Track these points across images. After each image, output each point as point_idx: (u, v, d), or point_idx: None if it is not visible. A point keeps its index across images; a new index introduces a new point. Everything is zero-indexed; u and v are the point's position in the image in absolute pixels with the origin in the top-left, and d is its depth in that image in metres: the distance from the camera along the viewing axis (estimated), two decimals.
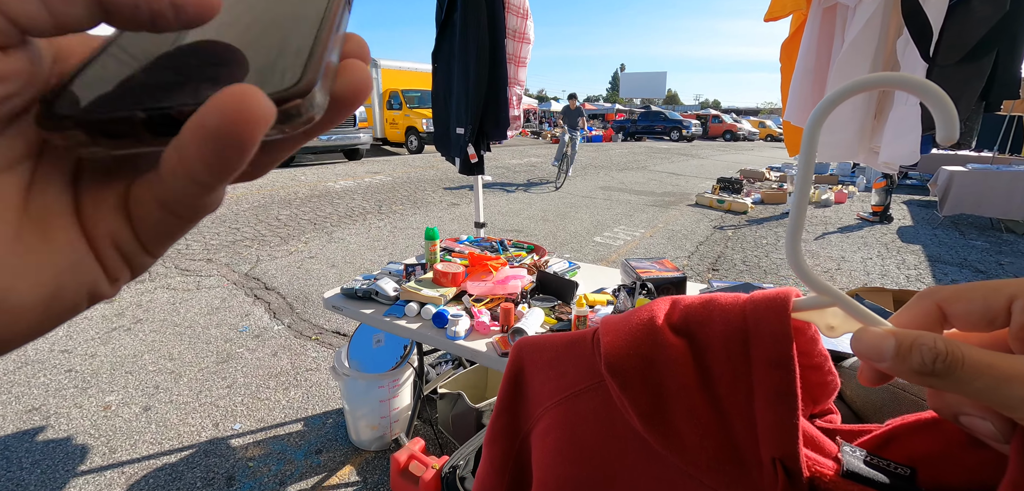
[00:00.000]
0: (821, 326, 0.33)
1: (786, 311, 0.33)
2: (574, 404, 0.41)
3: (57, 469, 2.12)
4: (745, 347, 0.34)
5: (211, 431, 2.39)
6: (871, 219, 7.03)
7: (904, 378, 0.24)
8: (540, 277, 1.89)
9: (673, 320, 0.37)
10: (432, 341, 1.63)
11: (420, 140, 13.87)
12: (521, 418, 0.45)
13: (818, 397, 0.38)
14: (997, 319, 0.25)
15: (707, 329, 0.36)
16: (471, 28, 2.27)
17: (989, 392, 0.22)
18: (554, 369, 0.43)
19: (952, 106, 0.24)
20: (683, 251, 5.58)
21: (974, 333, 0.27)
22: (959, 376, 0.22)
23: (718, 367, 0.35)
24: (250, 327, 3.43)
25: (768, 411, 0.32)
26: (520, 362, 0.46)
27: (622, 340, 0.37)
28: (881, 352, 0.24)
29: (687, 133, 24.99)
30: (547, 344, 0.45)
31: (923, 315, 0.27)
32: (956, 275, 4.84)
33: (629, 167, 13.24)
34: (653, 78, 52.88)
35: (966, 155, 8.77)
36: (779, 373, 0.32)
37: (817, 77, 1.71)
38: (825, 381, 0.37)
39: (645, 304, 0.39)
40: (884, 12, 1.47)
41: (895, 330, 0.25)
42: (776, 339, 0.32)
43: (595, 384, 0.40)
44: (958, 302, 0.26)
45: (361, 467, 2.19)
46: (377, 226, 6.21)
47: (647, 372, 0.36)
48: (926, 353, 0.23)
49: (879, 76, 0.26)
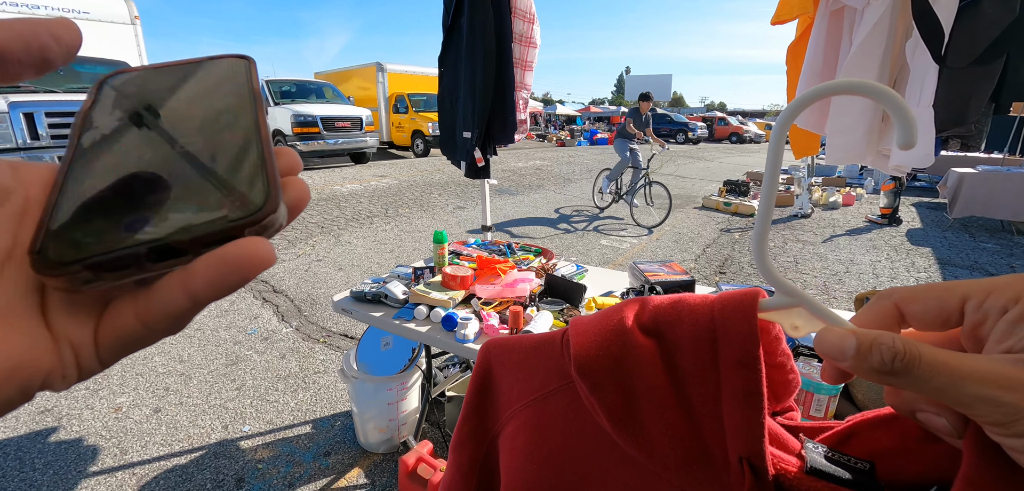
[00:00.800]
0: (786, 326, 0.33)
1: (753, 311, 0.33)
2: (543, 406, 0.41)
3: (69, 470, 2.15)
4: (713, 347, 0.34)
5: (221, 433, 2.41)
6: (880, 222, 6.98)
7: (865, 377, 0.25)
8: (548, 280, 1.90)
9: (643, 321, 0.37)
10: (441, 344, 1.64)
11: (426, 144, 13.91)
12: (489, 421, 0.45)
13: (780, 395, 0.38)
14: (951, 318, 0.26)
15: (676, 329, 0.36)
16: (478, 32, 2.28)
17: (945, 390, 0.23)
18: (523, 371, 0.43)
19: (910, 112, 0.25)
20: (690, 254, 5.57)
21: (930, 332, 0.28)
22: (917, 374, 0.23)
23: (687, 367, 0.35)
24: (259, 330, 3.45)
25: (735, 410, 0.32)
26: (488, 364, 0.46)
27: (592, 341, 0.37)
28: (843, 351, 0.25)
29: (693, 136, 24.91)
30: (515, 345, 0.45)
31: (882, 315, 0.28)
32: (967, 278, 4.78)
33: None
34: (658, 80, 52.82)
35: (976, 157, 8.69)
36: (746, 373, 0.32)
37: (824, 80, 1.71)
38: (787, 379, 0.38)
39: (615, 305, 0.39)
40: (892, 14, 1.46)
41: (856, 330, 0.25)
42: (743, 339, 0.33)
43: (564, 386, 0.40)
44: (914, 302, 0.27)
45: (369, 469, 2.20)
46: (384, 229, 6.23)
47: (617, 373, 0.36)
48: (885, 352, 0.24)
49: (838, 83, 0.27)
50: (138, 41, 7.58)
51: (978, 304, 0.25)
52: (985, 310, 0.24)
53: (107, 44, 7.02)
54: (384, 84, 14.98)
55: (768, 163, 0.30)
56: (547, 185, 10.16)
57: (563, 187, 10.01)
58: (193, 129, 0.21)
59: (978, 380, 0.22)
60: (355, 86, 15.77)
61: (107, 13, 7.14)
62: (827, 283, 4.63)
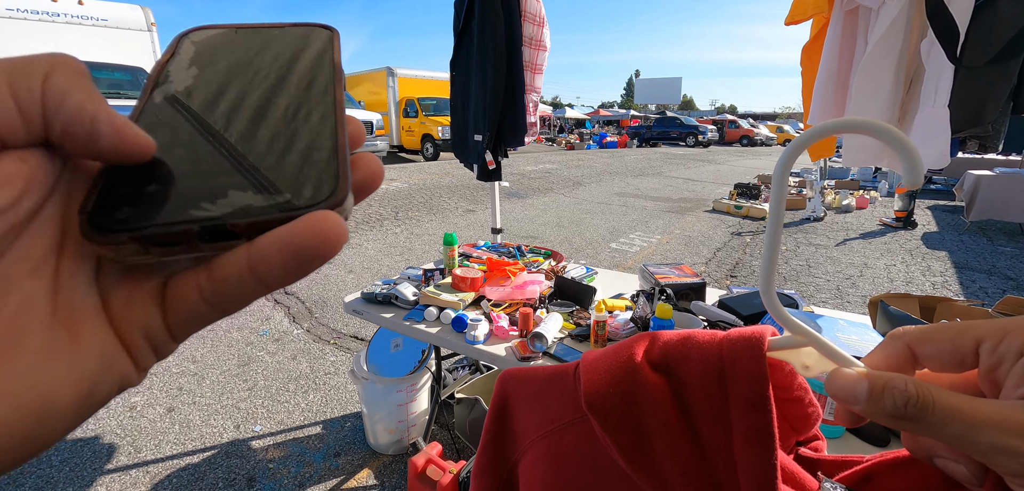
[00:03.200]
0: (796, 365, 0.33)
1: (761, 351, 0.33)
2: (559, 438, 0.41)
3: (85, 467, 2.18)
4: (722, 386, 0.34)
5: (232, 433, 2.43)
6: (894, 225, 6.88)
7: (878, 421, 0.24)
8: (558, 282, 1.89)
9: (652, 357, 0.37)
10: (451, 345, 1.64)
11: (436, 147, 13.98)
12: (508, 450, 0.46)
13: (800, 428, 0.38)
14: (966, 360, 0.25)
15: (685, 367, 0.36)
16: (488, 36, 2.29)
17: (959, 437, 0.22)
18: (539, 402, 0.44)
19: (916, 152, 0.25)
20: (700, 257, 5.53)
21: (945, 374, 0.26)
22: (930, 420, 0.23)
23: (697, 405, 0.35)
24: (270, 331, 3.48)
25: (747, 452, 0.32)
26: (505, 394, 0.47)
27: (601, 377, 0.37)
28: (854, 394, 0.25)
29: (703, 139, 24.75)
30: (531, 377, 0.45)
31: (895, 356, 0.27)
32: (985, 282, 4.70)
33: (645, 173, 13.16)
34: (668, 84, 52.60)
35: (993, 159, 8.54)
36: (756, 414, 0.32)
37: (840, 81, 1.69)
38: (806, 413, 0.37)
39: (624, 340, 0.40)
40: (908, 14, 1.45)
41: (868, 372, 0.25)
42: (752, 379, 0.33)
43: (579, 418, 0.40)
44: (927, 344, 0.26)
45: (379, 471, 2.21)
46: (394, 232, 6.27)
47: (627, 410, 0.36)
48: (898, 396, 0.23)
49: (844, 122, 0.26)
50: (154, 47, 7.73)
51: (993, 347, 0.24)
52: (1000, 353, 0.23)
53: (124, 50, 7.17)
54: (394, 88, 15.09)
55: (771, 202, 0.30)
56: (557, 188, 10.16)
57: (573, 190, 10.00)
58: (266, 102, 0.20)
59: (994, 428, 0.21)
60: (366, 91, 15.90)
61: (124, 21, 7.29)
62: (840, 287, 4.57)
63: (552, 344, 1.55)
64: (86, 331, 0.16)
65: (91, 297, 0.17)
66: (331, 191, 0.17)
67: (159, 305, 0.17)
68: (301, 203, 0.17)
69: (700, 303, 1.62)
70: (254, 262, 0.16)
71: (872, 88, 1.53)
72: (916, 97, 1.52)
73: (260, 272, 0.16)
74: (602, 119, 38.00)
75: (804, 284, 4.66)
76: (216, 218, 0.16)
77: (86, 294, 0.16)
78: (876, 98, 1.53)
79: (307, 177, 0.18)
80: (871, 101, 1.54)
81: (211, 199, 0.17)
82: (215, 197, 0.17)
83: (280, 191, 0.17)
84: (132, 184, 0.17)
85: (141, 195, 0.17)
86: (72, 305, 0.16)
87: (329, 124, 0.20)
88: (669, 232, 6.62)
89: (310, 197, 0.17)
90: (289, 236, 0.16)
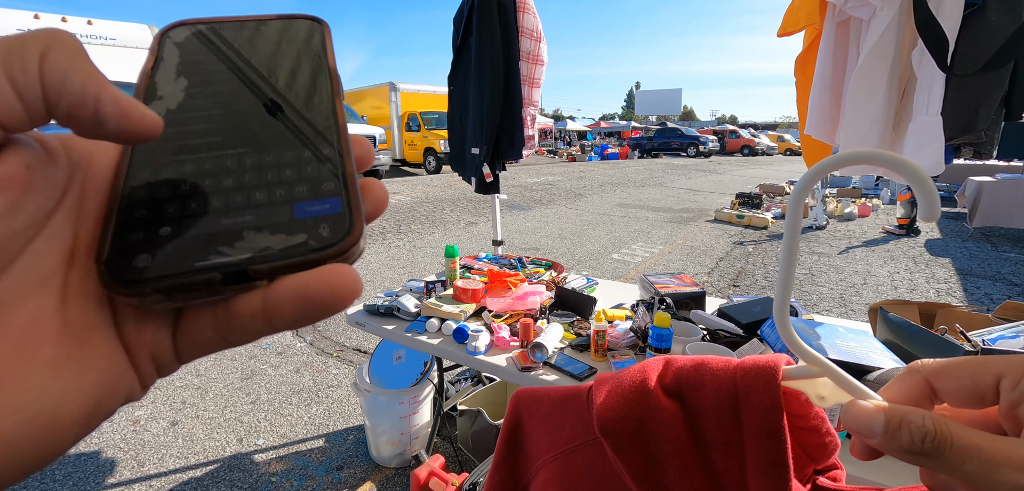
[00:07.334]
0: (812, 396, 0.33)
1: (775, 380, 0.33)
2: (571, 459, 0.41)
3: (88, 481, 2.19)
4: (736, 414, 0.34)
5: (235, 446, 2.44)
6: (897, 232, 6.86)
7: (895, 456, 0.24)
8: (559, 293, 1.91)
9: (665, 382, 0.37)
10: (453, 356, 1.65)
11: (438, 161, 14.07)
12: (520, 470, 0.46)
13: (817, 457, 0.38)
14: (986, 397, 0.24)
15: (699, 393, 0.36)
16: (486, 51, 2.33)
17: (977, 476, 0.21)
18: (551, 423, 0.44)
19: (932, 186, 0.24)
20: (703, 267, 5.52)
21: (965, 410, 0.26)
22: (948, 457, 0.22)
23: (710, 432, 0.35)
24: (273, 344, 3.50)
25: (760, 481, 0.31)
26: (518, 414, 0.47)
27: (614, 401, 0.37)
28: (870, 427, 0.24)
29: (704, 149, 24.82)
30: (544, 397, 0.46)
31: (912, 390, 0.26)
32: (989, 289, 4.68)
33: (646, 184, 13.19)
34: (668, 95, 52.80)
35: (994, 165, 8.52)
36: (770, 443, 0.32)
37: (834, 90, 1.71)
38: (823, 442, 0.37)
39: (638, 364, 0.40)
40: (899, 24, 1.47)
41: (884, 406, 0.24)
42: (766, 409, 0.32)
43: (591, 440, 0.40)
44: (946, 378, 0.25)
45: (381, 483, 2.21)
46: (396, 245, 6.29)
47: (639, 435, 0.36)
48: (915, 431, 0.23)
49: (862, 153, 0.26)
50: None
51: (1013, 383, 0.23)
52: (1021, 390, 0.23)
53: (133, 69, 7.26)
54: (397, 103, 15.22)
55: (786, 231, 0.29)
56: (559, 200, 10.19)
57: (575, 202, 10.03)
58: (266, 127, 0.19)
59: (1014, 468, 0.21)
60: (369, 105, 16.04)
61: (132, 39, 7.41)
62: (844, 295, 4.56)
63: (552, 354, 1.55)
64: (95, 346, 0.16)
65: (103, 315, 0.16)
66: (348, 230, 0.17)
67: (170, 329, 0.18)
68: (320, 245, 0.17)
69: (699, 312, 1.63)
70: (268, 306, 0.17)
71: (866, 98, 1.55)
72: (909, 106, 1.54)
73: (272, 316, 0.17)
74: (603, 131, 38.17)
75: (807, 293, 4.65)
76: (237, 264, 0.16)
77: (97, 311, 0.16)
78: (870, 107, 1.55)
79: (322, 214, 0.18)
80: (865, 111, 1.56)
81: (229, 241, 0.17)
82: (232, 239, 0.17)
83: (296, 231, 0.17)
84: (145, 226, 0.17)
85: (157, 239, 0.17)
86: (82, 320, 0.16)
87: (336, 154, 0.19)
88: (672, 242, 6.62)
89: (328, 238, 0.17)
90: (304, 286, 0.16)
